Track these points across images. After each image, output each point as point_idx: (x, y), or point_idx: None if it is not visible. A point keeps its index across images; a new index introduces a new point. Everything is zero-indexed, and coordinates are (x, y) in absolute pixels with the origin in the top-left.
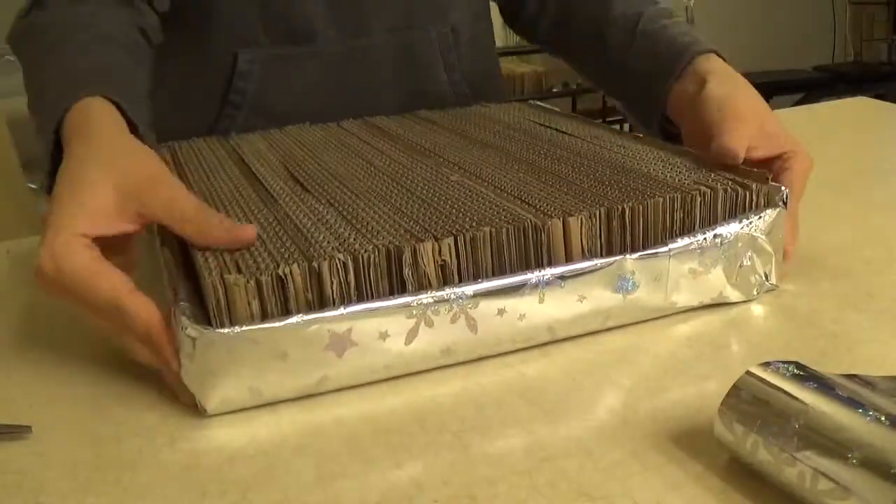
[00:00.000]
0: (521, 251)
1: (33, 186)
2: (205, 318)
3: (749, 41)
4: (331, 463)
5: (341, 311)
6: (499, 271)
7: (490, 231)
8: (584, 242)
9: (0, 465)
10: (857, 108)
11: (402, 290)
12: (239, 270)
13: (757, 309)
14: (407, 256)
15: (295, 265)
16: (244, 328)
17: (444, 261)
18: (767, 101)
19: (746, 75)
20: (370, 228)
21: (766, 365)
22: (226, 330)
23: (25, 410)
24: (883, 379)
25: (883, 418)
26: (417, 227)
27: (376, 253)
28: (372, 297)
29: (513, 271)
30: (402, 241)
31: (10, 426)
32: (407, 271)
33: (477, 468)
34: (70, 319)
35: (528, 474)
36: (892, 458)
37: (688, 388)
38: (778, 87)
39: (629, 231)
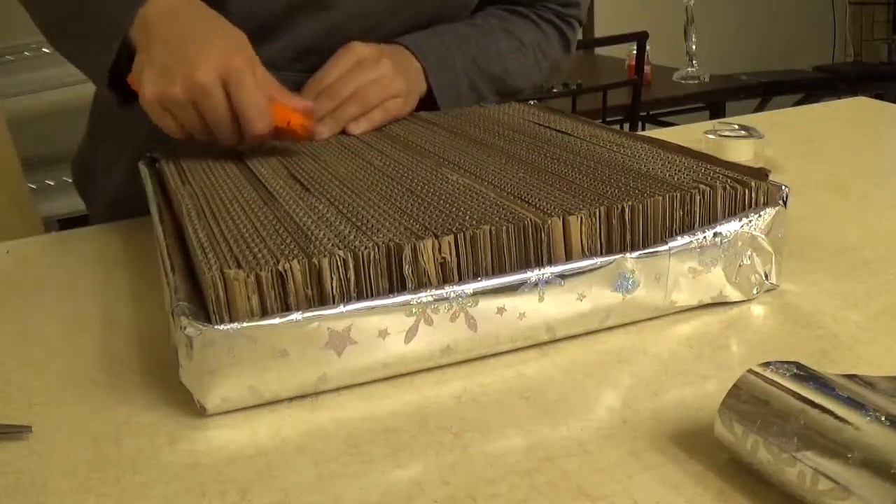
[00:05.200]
0: (521, 250)
1: (33, 186)
2: (204, 318)
3: (749, 41)
4: (331, 463)
5: (341, 308)
6: (499, 270)
7: (490, 229)
8: (584, 241)
9: (0, 465)
10: (857, 108)
11: (402, 288)
12: (239, 266)
13: (757, 309)
14: (407, 254)
15: (295, 261)
16: (244, 325)
17: (444, 258)
18: (767, 101)
19: (746, 75)
20: (370, 226)
21: (766, 365)
22: (225, 327)
23: (25, 410)
24: (883, 379)
25: (883, 418)
26: (417, 226)
27: (376, 250)
28: (372, 294)
29: (513, 270)
30: (402, 238)
31: (10, 426)
32: (407, 269)
33: (477, 468)
34: (70, 320)
35: (528, 474)
36: (892, 458)
37: (688, 388)
38: (778, 87)
39: (629, 230)
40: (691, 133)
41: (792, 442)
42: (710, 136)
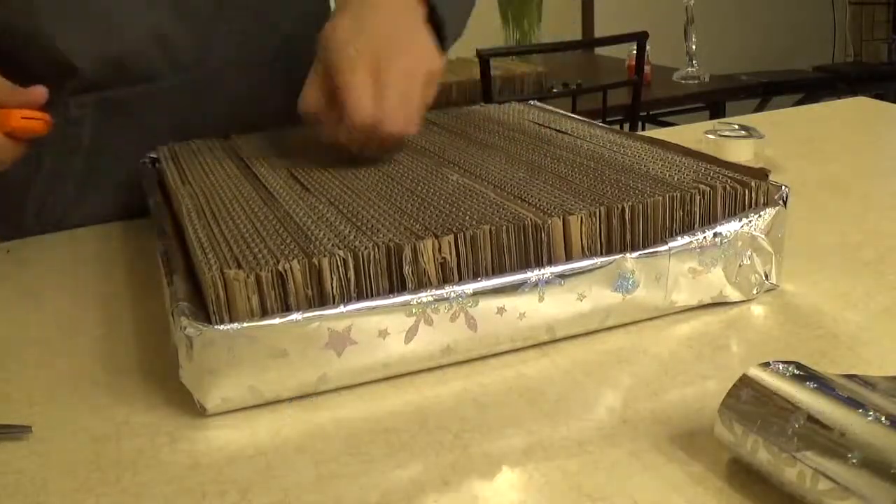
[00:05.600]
0: (521, 250)
1: None
2: (204, 318)
3: (749, 41)
4: (331, 463)
5: (341, 308)
6: (499, 270)
7: (490, 229)
8: (584, 241)
9: (0, 465)
10: (857, 108)
11: (402, 289)
12: (239, 266)
13: (757, 309)
14: (407, 254)
15: (295, 261)
16: (244, 325)
17: (444, 258)
18: (767, 101)
19: (746, 75)
20: (370, 226)
21: (766, 365)
22: (225, 327)
23: (25, 410)
24: (883, 379)
25: (883, 418)
26: (418, 226)
27: (376, 250)
28: (372, 295)
29: (513, 270)
30: (402, 238)
31: (10, 426)
32: (407, 269)
33: (477, 468)
34: (70, 320)
35: (528, 474)
36: (892, 458)
37: (688, 388)
38: (778, 87)
39: (629, 230)
40: (691, 133)
41: (792, 442)
42: (710, 136)
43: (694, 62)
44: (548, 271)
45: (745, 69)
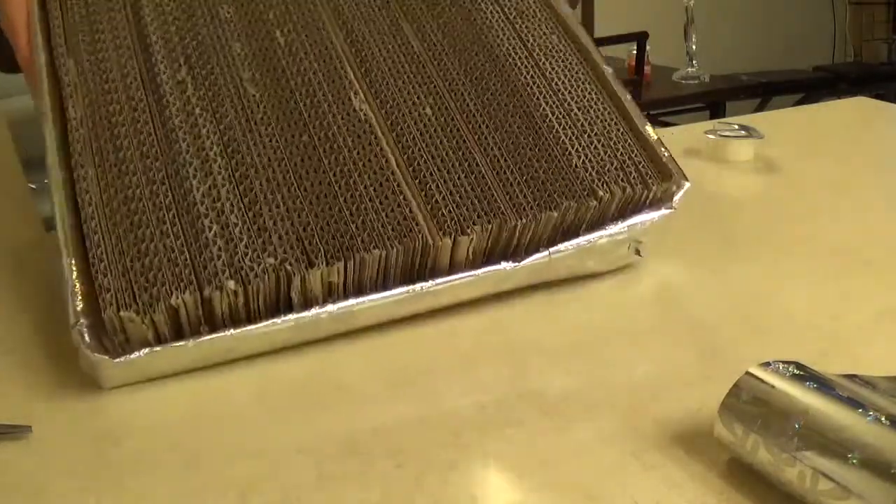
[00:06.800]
0: (407, 267)
1: (33, 186)
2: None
3: (749, 41)
4: (331, 463)
5: (230, 332)
6: (382, 288)
7: (380, 254)
8: (470, 254)
9: (0, 465)
10: (857, 108)
11: (289, 310)
12: (134, 297)
13: (756, 309)
14: (296, 284)
15: (187, 293)
16: (142, 353)
17: (331, 281)
18: (767, 101)
19: (747, 75)
20: (265, 237)
21: (766, 365)
22: (121, 359)
23: (25, 410)
24: (883, 379)
25: (883, 418)
26: (312, 245)
27: (266, 277)
28: (259, 316)
29: (396, 284)
30: (292, 261)
31: (10, 426)
32: (295, 297)
33: (477, 468)
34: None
35: (528, 474)
36: (892, 458)
37: (688, 388)
38: (778, 87)
39: (515, 241)
40: (691, 133)
41: (792, 442)
42: (710, 136)
43: (694, 62)
44: (430, 284)
45: (745, 69)
